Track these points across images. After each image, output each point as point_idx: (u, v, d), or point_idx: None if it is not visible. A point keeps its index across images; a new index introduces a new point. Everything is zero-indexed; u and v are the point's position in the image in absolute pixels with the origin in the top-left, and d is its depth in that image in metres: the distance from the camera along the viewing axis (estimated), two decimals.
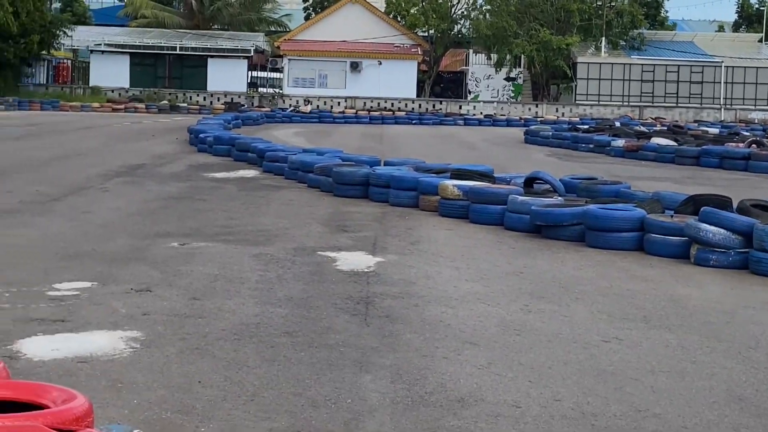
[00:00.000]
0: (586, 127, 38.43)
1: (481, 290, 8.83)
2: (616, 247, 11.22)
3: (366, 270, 9.66)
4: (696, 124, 47.72)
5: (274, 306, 7.93)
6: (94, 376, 5.90)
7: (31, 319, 7.26)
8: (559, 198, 13.23)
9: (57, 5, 69.75)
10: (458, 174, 14.92)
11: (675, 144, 27.59)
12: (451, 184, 13.77)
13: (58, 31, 54.92)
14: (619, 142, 28.28)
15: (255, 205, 14.61)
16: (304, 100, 55.05)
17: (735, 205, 11.52)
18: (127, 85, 57.80)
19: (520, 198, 12.69)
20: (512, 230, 12.51)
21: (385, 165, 17.54)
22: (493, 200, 13.06)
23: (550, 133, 34.60)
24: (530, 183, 14.43)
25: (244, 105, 54.53)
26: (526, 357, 6.64)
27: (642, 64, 60.58)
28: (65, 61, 65.19)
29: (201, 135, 25.28)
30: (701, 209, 10.80)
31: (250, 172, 19.60)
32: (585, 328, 7.50)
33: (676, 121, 49.89)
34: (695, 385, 6.10)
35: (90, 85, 58.52)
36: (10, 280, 8.56)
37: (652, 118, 54.16)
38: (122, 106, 51.56)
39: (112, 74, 57.67)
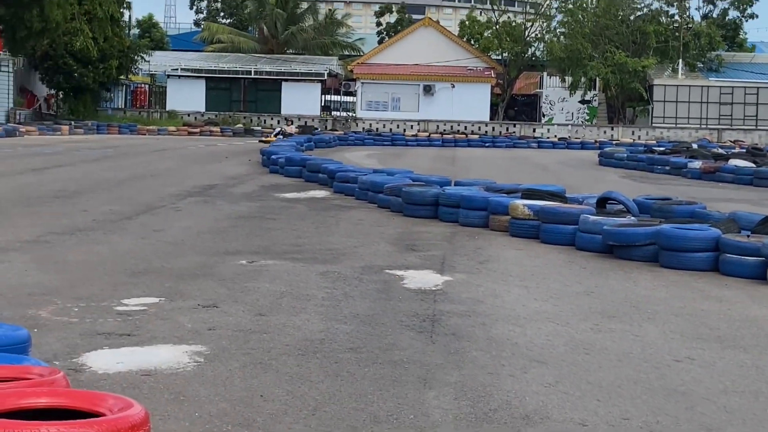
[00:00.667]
0: (662, 149, 37.90)
1: (550, 309, 8.69)
2: (690, 267, 10.99)
3: (433, 288, 9.57)
4: None
5: (340, 322, 7.87)
6: (157, 389, 5.89)
7: (98, 332, 7.30)
8: (632, 218, 13.01)
9: (136, 32, 70.96)
10: (529, 194, 14.78)
11: (754, 165, 27.06)
12: (521, 204, 13.63)
13: (136, 57, 55.74)
14: (696, 164, 27.84)
15: (324, 225, 14.60)
16: (287, 121, 55.23)
17: None
18: (202, 109, 58.48)
19: (592, 217, 12.50)
20: (584, 251, 12.33)
21: (455, 185, 17.43)
22: (565, 220, 12.88)
23: (625, 155, 34.18)
24: (603, 203, 14.22)
25: (317, 128, 54.83)
26: (595, 376, 6.49)
27: (720, 87, 59.67)
28: (143, 85, 66.22)
29: (273, 156, 25.45)
30: None
31: (321, 193, 19.65)
32: (656, 348, 7.33)
33: (756, 144, 48.98)
34: None
35: (167, 109, 59.30)
36: (79, 295, 8.63)
37: (730, 141, 53.26)
38: (198, 130, 52.15)
39: (188, 98, 58.41)
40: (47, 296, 8.54)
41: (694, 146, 40.68)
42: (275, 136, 44.87)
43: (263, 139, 44.49)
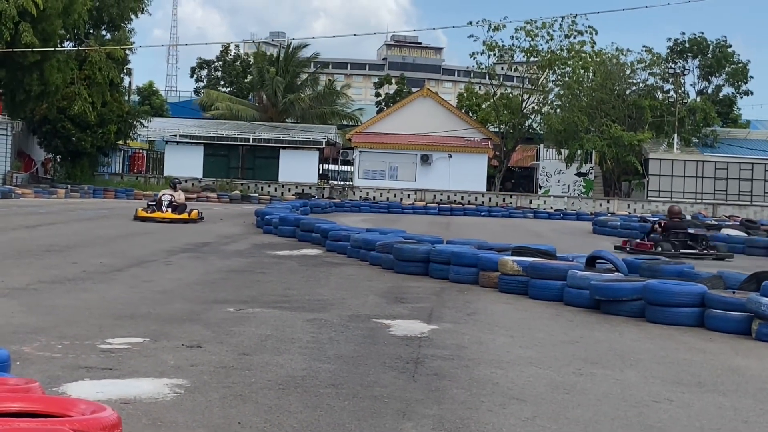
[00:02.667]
0: (656, 219, 38.01)
1: (534, 355, 8.72)
2: (676, 322, 11.03)
3: (419, 335, 9.60)
4: None
5: (323, 362, 7.90)
6: (135, 416, 5.91)
7: (80, 366, 7.33)
8: (620, 275, 13.06)
9: (136, 98, 71.55)
10: (519, 251, 14.85)
11: (745, 235, 27.17)
12: (510, 260, 13.70)
13: (135, 122, 56.14)
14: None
15: (314, 279, 14.65)
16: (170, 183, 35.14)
17: None
18: (200, 175, 58.74)
19: (580, 273, 12.56)
20: (572, 305, 12.38)
21: (447, 244, 17.51)
22: (553, 275, 12.93)
23: (619, 223, 34.33)
24: (592, 262, 14.28)
25: (314, 196, 55.08)
26: (573, 412, 6.51)
27: (715, 162, 60.07)
28: (141, 151, 66.60)
29: (267, 216, 25.59)
30: (763, 283, 10.58)
31: (313, 251, 19.72)
32: (636, 390, 7.35)
33: (749, 218, 49.14)
34: None
35: (164, 174, 59.54)
36: (64, 335, 8.66)
37: (725, 216, 53.46)
38: (195, 196, 52.28)
39: (186, 164, 58.68)
40: (32, 335, 8.56)
41: (688, 217, 40.80)
42: (152, 206, 28.91)
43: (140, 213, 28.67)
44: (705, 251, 23.26)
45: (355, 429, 5.80)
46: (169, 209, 28.21)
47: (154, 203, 29.02)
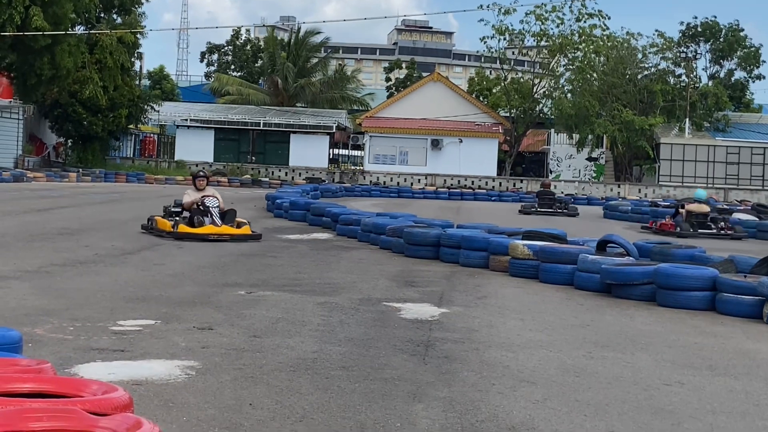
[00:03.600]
0: (666, 203, 37.98)
1: (545, 339, 8.72)
2: (687, 306, 11.01)
3: (430, 319, 9.61)
4: None
5: (334, 345, 7.91)
6: (147, 397, 5.93)
7: (91, 348, 7.35)
8: (631, 259, 13.05)
9: (147, 83, 71.57)
10: (530, 235, 14.84)
11: (757, 219, 27.10)
12: (521, 244, 13.69)
13: (146, 106, 56.17)
14: None
15: (325, 263, 14.66)
16: (197, 174, 45.20)
17: None
18: (211, 160, 58.74)
19: (591, 257, 12.55)
20: (582, 289, 12.37)
21: (457, 228, 17.51)
22: (564, 260, 12.92)
23: (630, 208, 34.28)
24: (603, 246, 14.26)
25: (325, 180, 55.08)
26: (584, 395, 6.51)
27: (727, 146, 59.85)
28: (152, 135, 66.63)
29: (278, 201, 25.61)
30: None
31: (324, 235, 19.74)
32: (647, 373, 7.35)
33: (761, 203, 49.02)
34: (756, 425, 5.93)
35: (175, 159, 59.61)
36: (76, 317, 8.69)
37: (736, 201, 53.31)
38: None
39: (196, 148, 58.71)
40: (44, 317, 8.60)
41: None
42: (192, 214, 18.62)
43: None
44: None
45: (366, 411, 5.81)
46: (221, 220, 18.03)
47: (181, 209, 18.53)
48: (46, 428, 3.44)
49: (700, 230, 24.52)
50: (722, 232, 24.66)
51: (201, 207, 17.97)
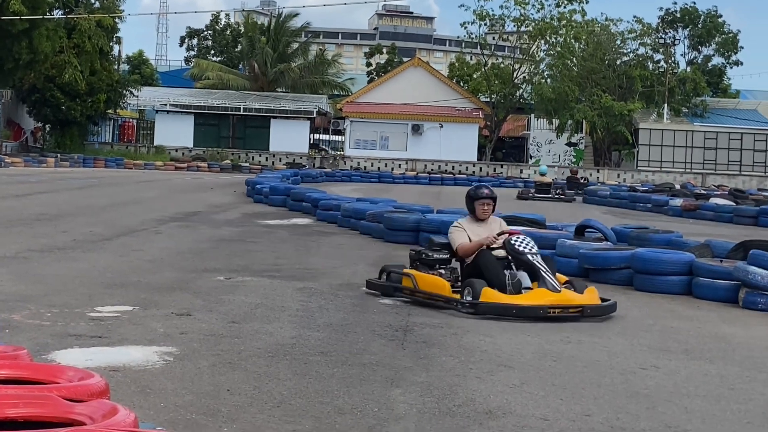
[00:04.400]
0: (645, 188, 38.17)
1: (522, 324, 8.75)
2: (664, 290, 11.09)
3: (409, 304, 9.62)
4: (759, 192, 47.06)
5: (312, 330, 7.93)
6: (125, 383, 5.93)
7: (69, 334, 7.34)
8: (609, 244, 13.11)
9: (126, 67, 71.21)
10: (509, 220, 14.84)
11: (734, 204, 27.26)
12: None
13: (124, 91, 55.94)
14: (677, 202, 28.05)
15: (305, 248, 14.68)
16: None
17: None
18: (190, 145, 58.58)
19: (569, 242, 12.61)
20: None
21: (437, 213, 17.54)
22: (543, 245, 12.84)
23: (608, 193, 34.43)
24: (581, 231, 14.32)
25: (305, 165, 55.01)
26: (560, 379, 6.55)
27: (705, 132, 60.07)
28: (131, 120, 66.35)
29: (258, 186, 25.60)
30: (750, 252, 10.63)
31: (304, 220, 19.76)
32: (623, 357, 7.41)
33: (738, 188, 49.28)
34: (730, 408, 5.98)
35: (154, 144, 59.41)
36: (53, 303, 8.67)
37: (714, 186, 53.59)
38: (185, 165, 52.28)
39: (176, 134, 58.50)
40: (21, 303, 8.57)
41: (677, 187, 40.96)
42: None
43: None
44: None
45: (344, 396, 5.84)
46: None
47: (450, 255, 10.37)
48: (21, 414, 3.44)
49: (542, 195, 34.87)
50: (557, 196, 35.03)
51: (509, 254, 9.84)
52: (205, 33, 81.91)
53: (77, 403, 3.58)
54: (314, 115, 60.10)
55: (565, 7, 63.31)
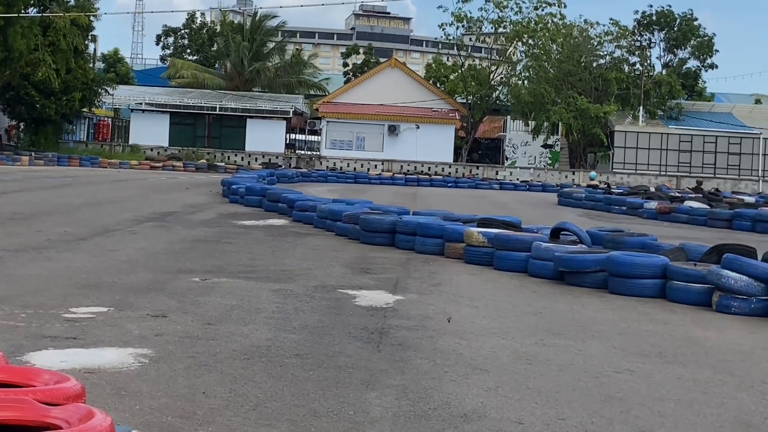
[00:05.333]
0: (620, 191, 38.35)
1: (498, 326, 8.79)
2: (638, 293, 11.16)
3: (384, 306, 9.65)
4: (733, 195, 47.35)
5: (288, 332, 7.93)
6: (100, 385, 5.91)
7: (43, 336, 7.31)
8: (584, 247, 13.17)
9: (101, 65, 70.87)
10: (485, 223, 14.92)
11: (708, 207, 27.43)
12: (476, 231, 13.77)
13: (100, 89, 55.69)
14: (652, 204, 28.21)
15: (281, 249, 14.66)
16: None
17: (760, 256, 11.41)
18: (166, 144, 58.39)
19: (544, 245, 12.65)
20: (536, 277, 12.48)
21: (413, 215, 17.56)
22: (518, 247, 13.02)
23: (584, 195, 34.57)
24: (557, 234, 14.40)
25: (281, 165, 54.94)
26: (535, 382, 6.58)
27: (680, 134, 60.43)
28: (106, 119, 66.05)
29: (233, 186, 25.55)
30: (724, 256, 10.70)
31: (280, 221, 19.73)
32: (597, 361, 7.45)
33: (714, 189, 49.59)
34: (703, 412, 6.03)
35: (129, 143, 59.17)
36: (27, 304, 8.63)
37: (688, 188, 53.85)
38: (160, 164, 52.09)
39: (151, 133, 58.31)
40: None
41: (652, 189, 41.17)
42: None
43: None
44: None
45: (319, 399, 5.84)
46: None
47: None
48: None
49: None
50: None
51: None
52: (182, 32, 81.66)
53: (53, 406, 3.57)
54: (290, 115, 60.02)
55: (543, 10, 63.57)
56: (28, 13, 49.23)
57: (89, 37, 56.59)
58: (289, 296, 9.93)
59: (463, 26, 65.57)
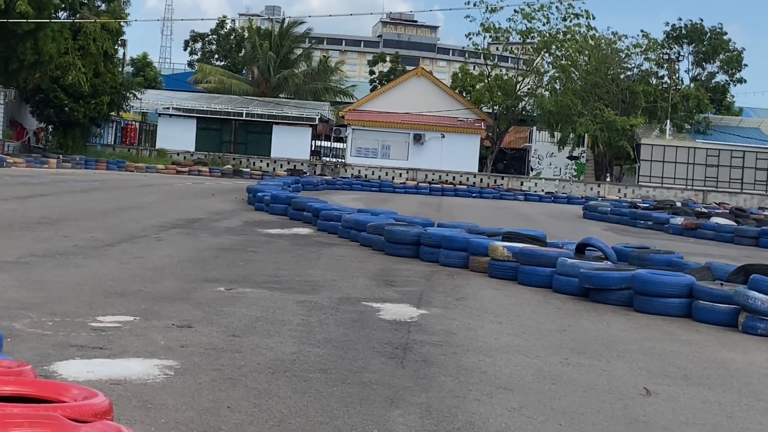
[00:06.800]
0: (646, 204, 38.18)
1: (522, 343, 8.78)
2: (664, 312, 11.10)
3: (408, 320, 9.65)
4: (760, 210, 47.08)
5: (312, 346, 7.94)
6: (126, 397, 5.94)
7: (70, 345, 7.35)
8: (610, 264, 13.13)
9: (130, 69, 71.28)
10: (510, 237, 14.90)
11: (735, 224, 27.29)
12: (501, 245, 13.75)
13: (128, 93, 56.01)
14: (678, 220, 28.07)
15: (305, 259, 14.69)
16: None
17: None
18: (192, 149, 58.67)
19: (570, 260, 12.62)
20: (560, 293, 12.44)
21: (438, 227, 17.56)
22: (543, 262, 12.99)
23: (609, 209, 34.43)
24: (582, 249, 14.35)
25: (306, 172, 55.07)
26: (559, 403, 6.57)
27: (707, 149, 60.17)
28: (133, 123, 66.42)
29: (259, 194, 25.62)
30: (751, 276, 10.65)
31: (305, 230, 19.77)
32: (622, 382, 7.42)
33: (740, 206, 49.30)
34: None
35: (156, 147, 59.48)
36: (55, 311, 8.68)
37: (715, 203, 53.60)
38: (186, 169, 52.31)
39: (178, 137, 58.61)
40: (23, 311, 8.58)
41: (678, 204, 40.98)
42: None
43: None
44: None
45: (343, 416, 5.85)
46: None
47: None
48: None
49: None
50: None
51: None
52: (210, 37, 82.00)
53: (81, 424, 3.59)
54: (316, 122, 60.15)
55: (570, 21, 63.51)
56: (58, 17, 49.59)
57: (119, 42, 56.92)
58: (314, 308, 9.95)
59: (490, 36, 65.56)
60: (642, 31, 70.61)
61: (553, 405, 6.50)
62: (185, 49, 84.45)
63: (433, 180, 56.64)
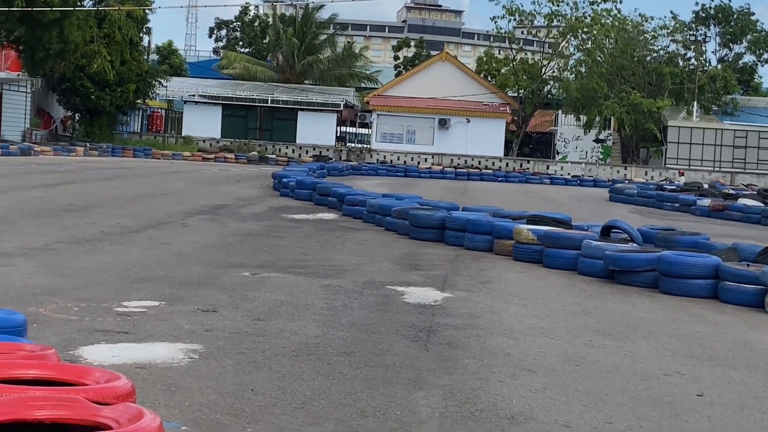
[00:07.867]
0: (672, 186, 37.99)
1: (546, 326, 8.76)
2: (690, 294, 11.05)
3: (432, 303, 9.65)
4: None
5: (336, 329, 7.96)
6: (150, 381, 5.98)
7: (96, 329, 7.40)
8: (635, 245, 13.07)
9: (155, 57, 71.45)
10: (534, 220, 14.87)
11: (762, 205, 27.10)
12: (525, 228, 13.72)
13: (153, 81, 56.14)
14: (705, 202, 27.92)
15: (330, 244, 14.71)
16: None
17: None
18: (218, 136, 58.78)
19: (595, 243, 12.58)
20: (585, 275, 12.41)
21: (463, 211, 17.54)
22: (568, 245, 12.95)
23: (635, 191, 34.28)
24: (607, 232, 14.29)
25: (332, 158, 55.09)
26: (583, 384, 6.56)
27: (734, 130, 59.68)
28: (159, 110, 66.62)
29: (284, 180, 25.68)
30: None
31: (330, 215, 19.80)
32: (647, 363, 7.40)
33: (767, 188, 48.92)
34: (754, 417, 5.97)
35: (182, 134, 59.63)
36: (80, 297, 8.74)
37: (743, 185, 53.23)
38: (212, 156, 52.45)
39: (204, 124, 58.73)
40: (49, 296, 8.65)
41: (705, 186, 40.75)
42: None
43: None
44: None
45: (367, 398, 5.87)
46: None
47: None
48: (49, 417, 3.49)
49: None
50: None
51: None
52: (234, 24, 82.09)
53: (104, 406, 3.62)
54: (341, 108, 60.12)
55: (598, 5, 63.12)
56: (83, 5, 49.75)
57: (144, 30, 57.02)
58: (338, 292, 9.97)
59: (515, 19, 65.28)
60: (671, 12, 70.17)
61: (577, 386, 6.49)
62: (210, 37, 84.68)
63: (458, 165, 56.53)
